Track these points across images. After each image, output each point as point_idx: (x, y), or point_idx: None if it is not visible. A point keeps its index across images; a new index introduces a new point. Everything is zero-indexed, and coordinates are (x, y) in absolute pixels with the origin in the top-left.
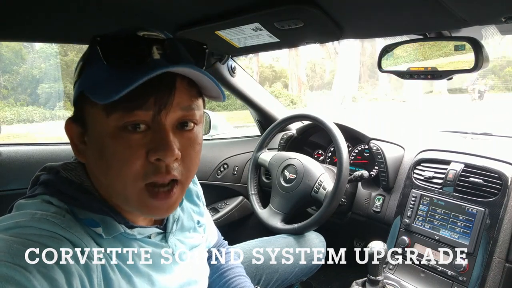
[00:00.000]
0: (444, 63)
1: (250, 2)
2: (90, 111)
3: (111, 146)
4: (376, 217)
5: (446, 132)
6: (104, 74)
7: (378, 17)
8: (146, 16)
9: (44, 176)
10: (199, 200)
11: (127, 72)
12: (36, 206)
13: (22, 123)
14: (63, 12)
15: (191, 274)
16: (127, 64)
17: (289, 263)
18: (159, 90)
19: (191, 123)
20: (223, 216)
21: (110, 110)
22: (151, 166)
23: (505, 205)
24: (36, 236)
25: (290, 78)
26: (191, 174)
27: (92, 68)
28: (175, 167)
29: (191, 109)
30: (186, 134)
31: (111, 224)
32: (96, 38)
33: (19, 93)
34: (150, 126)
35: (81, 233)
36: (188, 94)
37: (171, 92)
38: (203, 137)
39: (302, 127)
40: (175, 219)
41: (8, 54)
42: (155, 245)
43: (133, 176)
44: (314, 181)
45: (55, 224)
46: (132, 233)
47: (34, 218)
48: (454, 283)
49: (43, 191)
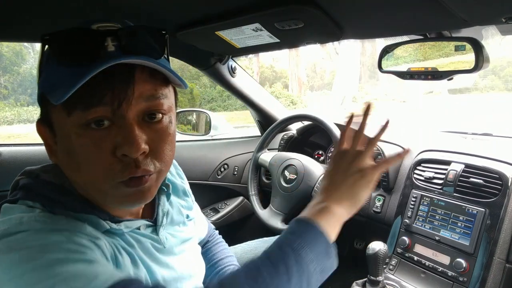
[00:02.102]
0: (445, 63)
1: (250, 3)
2: (53, 111)
3: (77, 145)
4: (377, 217)
5: (446, 133)
6: (58, 73)
7: (378, 18)
8: (146, 16)
9: (23, 181)
10: (187, 196)
11: (80, 69)
12: (20, 211)
13: (23, 123)
14: (63, 13)
15: (185, 268)
16: (79, 60)
17: None
18: (116, 83)
19: (159, 113)
20: (223, 216)
21: (69, 109)
22: (119, 162)
23: (506, 205)
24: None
25: (290, 78)
26: (167, 164)
27: (48, 67)
28: (146, 162)
29: (155, 99)
30: (154, 126)
31: (96, 222)
32: (45, 36)
33: (19, 93)
34: (114, 122)
35: (73, 222)
36: (150, 84)
37: (129, 84)
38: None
39: (303, 128)
40: (164, 212)
41: (8, 54)
42: (145, 236)
43: (103, 173)
44: (315, 181)
45: (46, 222)
46: (119, 228)
47: (22, 222)
48: (455, 284)
49: (23, 196)
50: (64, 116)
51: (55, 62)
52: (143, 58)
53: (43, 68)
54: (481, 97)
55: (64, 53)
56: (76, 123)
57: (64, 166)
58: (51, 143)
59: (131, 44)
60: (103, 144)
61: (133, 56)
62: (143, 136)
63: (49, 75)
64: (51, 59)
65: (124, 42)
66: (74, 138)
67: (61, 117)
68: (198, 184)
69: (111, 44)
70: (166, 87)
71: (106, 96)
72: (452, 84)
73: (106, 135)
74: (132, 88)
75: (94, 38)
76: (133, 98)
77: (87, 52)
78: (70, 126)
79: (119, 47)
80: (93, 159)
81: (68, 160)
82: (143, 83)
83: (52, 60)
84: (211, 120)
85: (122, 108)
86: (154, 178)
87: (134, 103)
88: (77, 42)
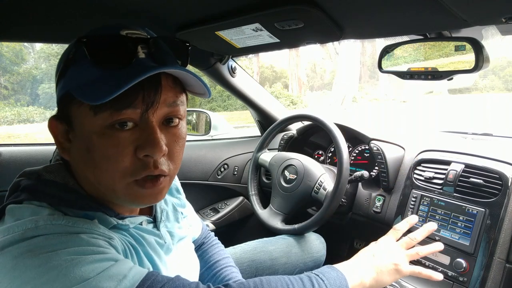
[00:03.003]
0: (445, 63)
1: (250, 3)
2: (76, 110)
3: (99, 144)
4: (377, 217)
5: (446, 133)
6: (91, 74)
7: (378, 18)
8: (146, 16)
9: (25, 182)
10: (179, 194)
11: (115, 72)
12: (30, 211)
13: (23, 123)
14: (63, 13)
15: (182, 266)
16: (114, 64)
17: (289, 264)
18: (146, 88)
19: (176, 118)
20: (223, 216)
21: (98, 110)
22: (140, 162)
23: (506, 205)
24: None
25: (290, 78)
26: (177, 167)
27: (77, 68)
28: (162, 162)
29: (176, 105)
30: (172, 130)
31: (103, 218)
32: (82, 39)
33: (19, 94)
34: (137, 124)
35: (87, 223)
36: (173, 91)
37: (158, 90)
38: (205, 137)
39: (303, 128)
40: (162, 209)
41: (9, 54)
42: (148, 232)
43: (121, 172)
44: (315, 181)
45: (62, 225)
46: (125, 223)
47: (38, 226)
48: (454, 284)
49: (28, 197)
50: (89, 115)
51: (88, 63)
52: (173, 67)
53: (71, 67)
54: (481, 97)
55: (101, 56)
56: (102, 123)
57: (79, 163)
58: (63, 140)
59: (159, 53)
60: (126, 144)
61: (167, 67)
62: (163, 139)
63: (79, 75)
64: (83, 60)
65: (153, 50)
66: (97, 137)
67: (85, 116)
68: (198, 184)
69: (142, 52)
70: (183, 94)
71: (136, 100)
72: (452, 84)
73: (129, 136)
74: (159, 94)
75: (128, 44)
76: (159, 104)
77: (122, 57)
78: (94, 125)
79: (149, 54)
80: (114, 158)
81: (86, 157)
82: (167, 90)
83: (83, 61)
84: (211, 120)
85: (149, 112)
86: (167, 181)
87: (159, 108)
88: (113, 47)
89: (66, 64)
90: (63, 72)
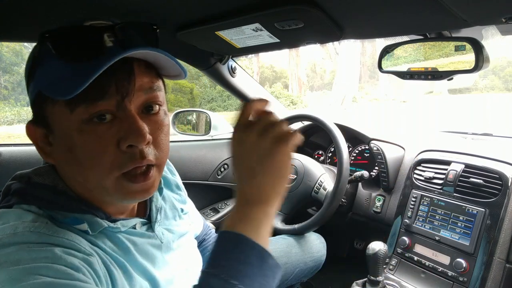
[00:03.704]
0: (445, 63)
1: (250, 3)
2: (51, 110)
3: (80, 141)
4: (377, 217)
5: (446, 133)
6: (59, 70)
7: (378, 18)
8: (146, 16)
9: (16, 185)
10: (179, 190)
11: (83, 64)
12: (15, 215)
13: (23, 123)
14: (63, 13)
15: (184, 262)
16: (82, 56)
17: (289, 264)
18: (119, 77)
19: (156, 105)
20: (224, 216)
21: (73, 105)
22: (125, 154)
23: (505, 205)
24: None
25: (290, 78)
26: (165, 155)
27: (45, 66)
28: (149, 151)
29: (153, 91)
30: (153, 118)
31: (93, 220)
32: (45, 34)
33: (19, 93)
34: (116, 115)
35: (69, 234)
36: (147, 76)
37: (131, 77)
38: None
39: (303, 128)
40: (158, 208)
41: (8, 54)
42: (141, 235)
43: (107, 167)
44: (315, 181)
45: (41, 233)
46: (116, 226)
47: (16, 233)
48: (454, 284)
49: (18, 200)
50: (65, 113)
51: (55, 58)
52: (141, 48)
53: (38, 67)
54: (481, 97)
55: (67, 50)
56: (79, 119)
57: (64, 164)
58: (43, 144)
59: (127, 39)
60: (108, 138)
61: (134, 49)
62: (146, 127)
63: (47, 73)
64: (49, 56)
65: (121, 37)
66: (77, 134)
67: (61, 115)
68: (198, 184)
69: (109, 40)
70: (159, 80)
71: (110, 90)
72: (452, 84)
73: (109, 128)
74: (133, 81)
75: (93, 34)
76: (135, 91)
77: (89, 48)
78: (72, 122)
79: (116, 42)
80: (98, 153)
81: (69, 157)
82: (141, 76)
83: (50, 57)
84: (211, 120)
85: (125, 101)
86: (156, 172)
87: (135, 96)
88: (79, 38)
89: (34, 64)
90: (32, 72)
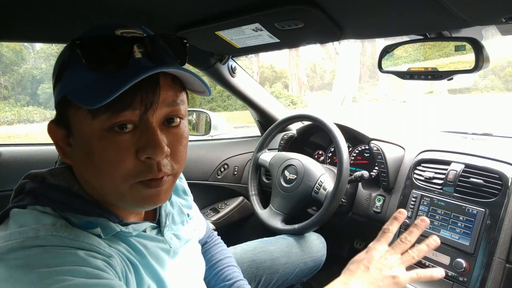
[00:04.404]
0: (445, 63)
1: (250, 3)
2: (74, 114)
3: (99, 148)
4: (377, 217)
5: (446, 133)
6: (86, 77)
7: (378, 18)
8: (146, 16)
9: (29, 185)
10: (186, 195)
11: (111, 74)
12: (33, 218)
13: (23, 123)
14: (63, 13)
15: (189, 268)
16: (111, 67)
17: (289, 264)
18: (144, 89)
19: (177, 118)
20: (223, 216)
21: (96, 113)
22: (142, 164)
23: (506, 205)
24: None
25: (291, 78)
26: (181, 166)
27: (73, 71)
28: (165, 163)
29: (176, 105)
30: (173, 130)
31: (106, 224)
32: (75, 41)
33: (19, 94)
34: (137, 125)
35: (88, 237)
36: (172, 90)
37: (156, 90)
38: (205, 137)
39: (303, 128)
40: (167, 213)
41: (9, 54)
42: (152, 239)
43: (123, 175)
44: (315, 181)
45: (62, 238)
46: (128, 231)
47: (39, 236)
48: (454, 284)
49: (33, 201)
50: (88, 118)
51: (83, 66)
52: (171, 67)
53: (66, 70)
54: (481, 97)
55: (96, 59)
56: (101, 126)
57: (80, 167)
58: (63, 145)
59: (156, 52)
60: (127, 147)
61: (165, 66)
62: (165, 139)
63: (75, 78)
64: (78, 63)
65: (150, 49)
66: (97, 141)
67: (83, 120)
68: (198, 184)
69: (138, 51)
70: (183, 93)
71: (134, 101)
72: (452, 84)
73: (129, 138)
74: (158, 94)
75: (123, 45)
76: (158, 104)
77: (118, 60)
78: (93, 129)
79: (145, 53)
80: (116, 161)
81: (87, 162)
82: (166, 89)
83: (79, 64)
84: (211, 120)
85: (148, 113)
86: (171, 180)
87: (158, 108)
88: (108, 48)
89: (62, 67)
90: (59, 75)
